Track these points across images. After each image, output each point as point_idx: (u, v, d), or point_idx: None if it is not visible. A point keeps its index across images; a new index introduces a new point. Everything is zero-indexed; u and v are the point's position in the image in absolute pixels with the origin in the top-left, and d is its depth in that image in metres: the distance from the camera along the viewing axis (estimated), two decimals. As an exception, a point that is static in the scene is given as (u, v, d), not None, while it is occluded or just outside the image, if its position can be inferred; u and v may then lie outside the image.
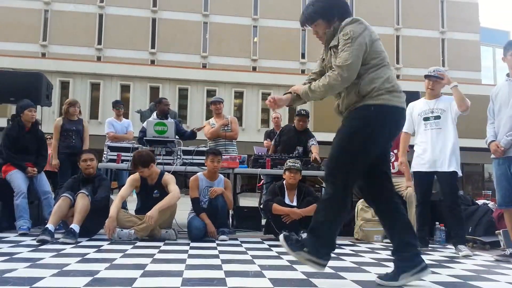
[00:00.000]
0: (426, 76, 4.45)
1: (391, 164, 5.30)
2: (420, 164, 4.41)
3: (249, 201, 9.33)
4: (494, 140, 4.08)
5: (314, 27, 2.74)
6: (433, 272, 3.11)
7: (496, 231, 4.61)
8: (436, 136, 4.33)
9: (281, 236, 2.60)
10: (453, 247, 4.23)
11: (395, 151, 5.14)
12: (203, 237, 4.55)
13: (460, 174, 4.29)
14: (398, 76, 30.82)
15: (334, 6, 2.69)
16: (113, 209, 4.34)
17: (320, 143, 6.22)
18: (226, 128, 6.31)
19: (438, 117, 4.35)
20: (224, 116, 6.43)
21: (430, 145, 4.34)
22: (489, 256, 4.08)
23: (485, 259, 3.92)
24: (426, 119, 4.43)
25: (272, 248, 4.11)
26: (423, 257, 2.63)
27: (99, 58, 28.54)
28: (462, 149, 4.32)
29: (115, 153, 5.42)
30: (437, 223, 4.87)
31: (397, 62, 31.45)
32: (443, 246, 4.66)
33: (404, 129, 4.59)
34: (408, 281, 2.57)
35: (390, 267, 3.24)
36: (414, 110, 4.56)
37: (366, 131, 2.54)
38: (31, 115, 5.06)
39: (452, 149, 4.26)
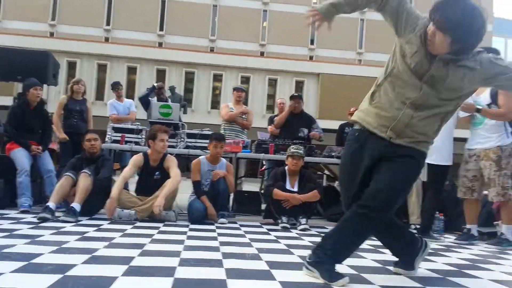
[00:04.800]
0: None
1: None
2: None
3: (250, 185, 9.36)
4: None
5: None
6: (429, 260, 3.13)
7: (494, 222, 4.63)
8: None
9: None
10: (450, 237, 4.25)
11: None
12: (203, 220, 4.59)
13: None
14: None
15: None
16: (115, 190, 4.37)
17: (324, 130, 6.40)
18: (243, 116, 6.58)
19: None
20: (243, 106, 6.72)
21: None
22: (485, 246, 4.10)
23: (481, 249, 3.94)
24: None
25: (270, 232, 4.14)
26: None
27: (107, 39, 28.43)
28: (458, 139, 4.29)
29: (119, 134, 5.46)
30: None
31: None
32: (440, 235, 4.66)
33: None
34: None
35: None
36: None
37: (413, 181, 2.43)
38: (36, 94, 5.06)
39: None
